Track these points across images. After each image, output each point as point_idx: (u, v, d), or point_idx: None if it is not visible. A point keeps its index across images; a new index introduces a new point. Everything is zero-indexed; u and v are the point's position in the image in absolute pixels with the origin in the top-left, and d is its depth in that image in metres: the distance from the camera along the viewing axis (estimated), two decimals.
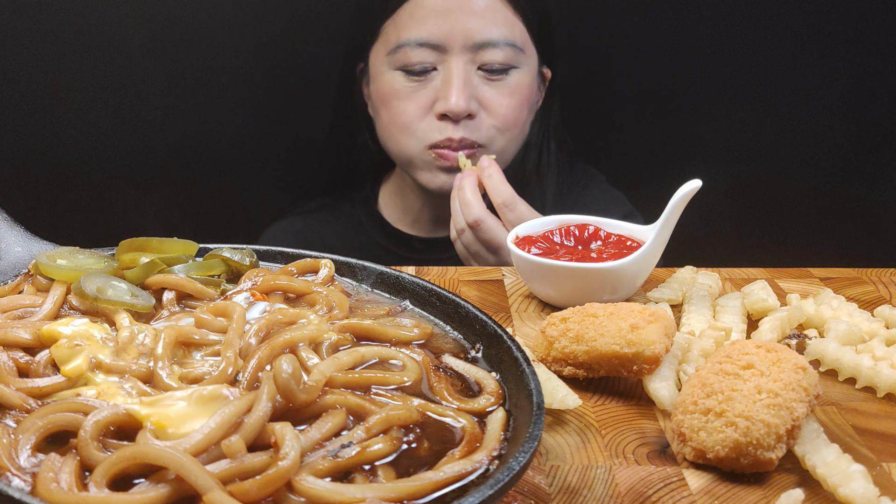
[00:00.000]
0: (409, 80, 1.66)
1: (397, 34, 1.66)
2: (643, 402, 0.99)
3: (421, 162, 1.69)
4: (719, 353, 0.94)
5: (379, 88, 1.71)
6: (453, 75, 1.63)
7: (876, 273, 1.34)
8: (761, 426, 0.84)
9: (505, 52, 1.65)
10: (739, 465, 0.85)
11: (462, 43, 1.63)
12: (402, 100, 1.67)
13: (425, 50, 1.64)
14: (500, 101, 1.67)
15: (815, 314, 1.14)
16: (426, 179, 1.70)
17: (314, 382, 0.80)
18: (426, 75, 1.66)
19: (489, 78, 1.66)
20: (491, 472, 0.74)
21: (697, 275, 1.26)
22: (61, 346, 0.85)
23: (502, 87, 1.67)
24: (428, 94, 1.66)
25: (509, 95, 1.67)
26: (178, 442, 0.72)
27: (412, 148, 1.68)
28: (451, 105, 1.62)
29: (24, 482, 0.69)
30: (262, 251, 1.12)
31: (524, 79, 1.70)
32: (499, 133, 1.68)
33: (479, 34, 1.63)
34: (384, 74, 1.69)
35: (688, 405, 0.89)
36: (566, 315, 1.04)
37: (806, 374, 0.90)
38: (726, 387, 0.87)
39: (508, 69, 1.67)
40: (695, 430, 0.87)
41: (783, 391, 0.87)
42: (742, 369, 0.89)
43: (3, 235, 1.08)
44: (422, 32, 1.64)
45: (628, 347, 0.97)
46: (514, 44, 1.67)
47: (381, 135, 1.77)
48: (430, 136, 1.66)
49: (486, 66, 1.65)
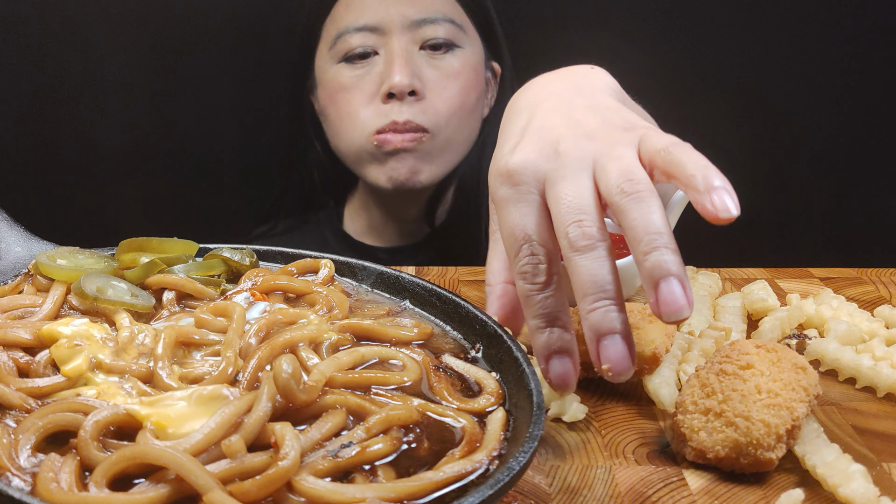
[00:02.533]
0: (352, 69, 1.65)
1: (336, 26, 1.66)
2: (643, 402, 0.99)
3: (367, 154, 1.65)
4: (719, 353, 0.94)
5: (325, 87, 1.70)
6: (395, 53, 1.61)
7: (876, 273, 1.34)
8: (761, 426, 0.84)
9: (445, 27, 1.64)
10: (739, 465, 0.85)
11: (400, 22, 1.62)
12: (348, 90, 1.65)
13: (364, 34, 1.63)
14: (443, 82, 1.64)
15: (815, 314, 1.14)
16: (375, 175, 1.66)
17: (314, 382, 0.80)
18: (368, 60, 1.64)
19: (432, 56, 1.64)
20: (491, 472, 0.74)
21: (697, 275, 1.26)
22: (61, 346, 0.85)
23: (446, 67, 1.65)
24: (372, 79, 1.63)
25: (454, 77, 1.65)
26: (178, 442, 0.72)
27: (358, 140, 1.65)
28: (394, 81, 1.59)
29: (24, 482, 0.69)
30: (262, 251, 1.12)
31: (468, 60, 1.68)
32: (444, 119, 1.65)
33: (415, 12, 1.63)
34: (328, 72, 1.68)
35: (687, 405, 0.89)
36: None
37: (806, 374, 0.90)
38: (726, 387, 0.88)
39: (451, 47, 1.65)
40: (695, 430, 0.87)
41: (783, 391, 0.87)
42: (742, 369, 0.89)
43: (3, 235, 1.08)
44: (359, 18, 1.64)
45: None
46: (454, 21, 1.66)
47: (331, 138, 1.74)
48: (374, 123, 1.62)
49: (429, 41, 1.64)
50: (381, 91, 1.62)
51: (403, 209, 1.78)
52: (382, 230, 1.82)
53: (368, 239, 1.84)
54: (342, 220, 1.87)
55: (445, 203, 1.78)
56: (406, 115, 1.61)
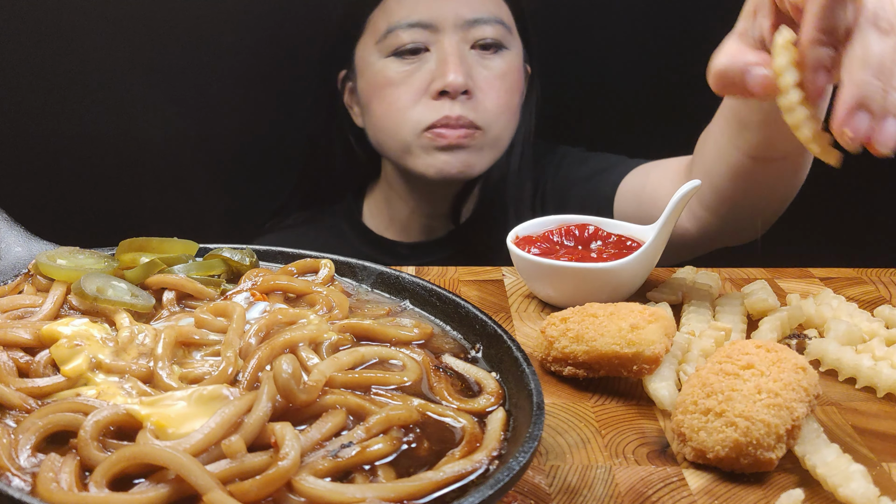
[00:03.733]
0: (402, 64, 1.64)
1: (387, 20, 1.65)
2: (643, 402, 0.99)
3: (417, 148, 1.65)
4: (719, 353, 0.94)
5: (370, 80, 1.69)
6: (448, 52, 1.62)
7: (876, 273, 1.34)
8: (761, 426, 0.84)
9: (495, 28, 1.65)
10: (739, 465, 0.85)
11: (453, 21, 1.63)
12: (396, 86, 1.65)
13: (417, 30, 1.63)
14: (492, 82, 1.65)
15: (816, 314, 1.14)
16: (424, 166, 1.66)
17: (314, 382, 0.80)
18: (419, 56, 1.64)
19: (482, 56, 1.65)
20: (491, 472, 0.74)
21: (697, 275, 1.26)
22: (61, 346, 0.85)
23: (495, 68, 1.66)
24: (422, 76, 1.64)
25: (501, 77, 1.67)
26: (178, 442, 0.72)
27: (407, 134, 1.65)
28: (449, 80, 1.60)
29: (24, 482, 0.69)
30: (262, 251, 1.12)
31: (513, 62, 1.69)
32: (493, 117, 1.66)
33: (469, 12, 1.64)
34: (374, 65, 1.67)
35: (688, 405, 0.89)
36: (566, 315, 1.04)
37: (806, 374, 0.90)
38: (726, 387, 0.87)
39: (499, 48, 1.66)
40: (695, 430, 0.87)
41: (783, 391, 0.87)
42: (742, 369, 0.89)
43: (3, 235, 1.08)
44: (413, 14, 1.63)
45: (628, 347, 0.97)
46: (503, 21, 1.67)
47: (372, 131, 1.73)
48: (425, 118, 1.63)
49: (479, 41, 1.64)
50: (431, 88, 1.62)
51: (430, 205, 1.77)
52: (405, 225, 1.82)
53: (390, 234, 1.83)
54: (361, 214, 1.87)
55: (471, 200, 1.78)
56: (459, 110, 1.62)
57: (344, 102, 1.79)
